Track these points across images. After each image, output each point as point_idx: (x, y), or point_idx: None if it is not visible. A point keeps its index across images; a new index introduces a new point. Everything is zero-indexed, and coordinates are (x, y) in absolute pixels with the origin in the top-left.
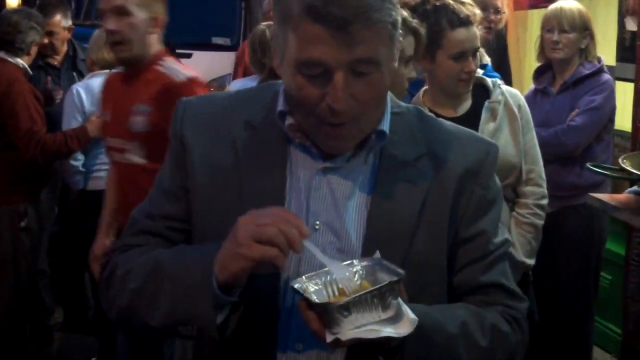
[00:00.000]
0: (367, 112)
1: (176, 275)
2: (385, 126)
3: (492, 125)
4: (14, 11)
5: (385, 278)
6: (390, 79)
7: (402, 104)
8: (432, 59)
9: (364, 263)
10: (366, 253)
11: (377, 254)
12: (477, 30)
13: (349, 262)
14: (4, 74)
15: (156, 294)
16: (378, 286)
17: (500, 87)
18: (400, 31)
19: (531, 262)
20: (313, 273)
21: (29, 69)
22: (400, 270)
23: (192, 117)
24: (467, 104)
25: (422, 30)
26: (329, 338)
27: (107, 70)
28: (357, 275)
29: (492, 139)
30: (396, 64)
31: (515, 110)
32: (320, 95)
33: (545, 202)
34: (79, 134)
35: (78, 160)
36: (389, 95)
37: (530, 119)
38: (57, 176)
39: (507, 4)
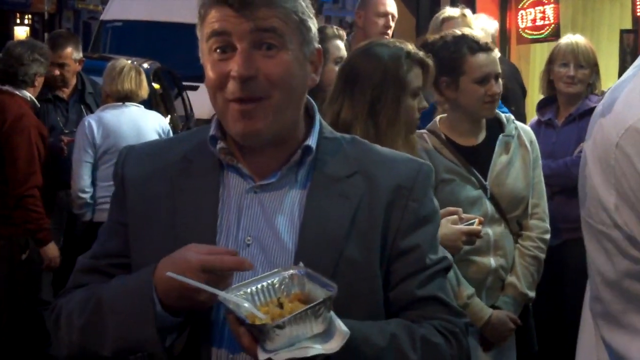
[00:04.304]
0: (276, 93)
1: (117, 306)
2: (312, 142)
3: (504, 158)
4: (18, 43)
5: (313, 288)
6: (304, 77)
7: (337, 133)
8: (456, 87)
9: (291, 272)
10: (298, 262)
11: (301, 264)
12: (497, 56)
13: (275, 270)
14: (13, 107)
15: (101, 328)
16: (314, 304)
17: (514, 123)
18: (405, 66)
19: (532, 294)
20: (239, 284)
21: (36, 102)
22: (333, 284)
23: (132, 158)
24: (482, 135)
25: (430, 62)
26: (262, 356)
27: (120, 103)
28: (284, 285)
29: (504, 171)
30: (309, 66)
31: (528, 145)
32: (228, 71)
33: (548, 236)
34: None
35: (87, 193)
36: (323, 122)
37: (539, 155)
38: (62, 207)
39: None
